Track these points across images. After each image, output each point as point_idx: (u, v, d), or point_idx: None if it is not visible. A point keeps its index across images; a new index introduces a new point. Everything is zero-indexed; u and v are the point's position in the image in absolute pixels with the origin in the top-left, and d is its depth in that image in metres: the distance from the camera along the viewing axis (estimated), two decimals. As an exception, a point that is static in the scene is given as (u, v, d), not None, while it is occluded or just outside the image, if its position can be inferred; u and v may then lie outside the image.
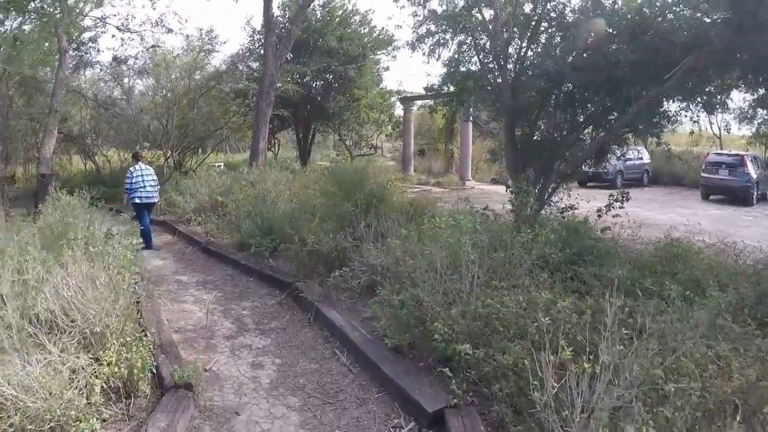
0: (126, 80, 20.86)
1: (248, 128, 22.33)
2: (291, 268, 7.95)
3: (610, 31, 7.83)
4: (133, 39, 25.96)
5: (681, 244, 7.00)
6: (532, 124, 9.59)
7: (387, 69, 24.38)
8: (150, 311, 6.22)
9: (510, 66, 9.52)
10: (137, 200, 10.21)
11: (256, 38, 22.71)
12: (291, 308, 6.65)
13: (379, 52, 23.67)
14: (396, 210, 9.77)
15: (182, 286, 7.85)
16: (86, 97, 20.59)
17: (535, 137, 9.63)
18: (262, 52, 21.12)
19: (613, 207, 7.40)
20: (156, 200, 10.78)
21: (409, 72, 62.60)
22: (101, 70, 20.41)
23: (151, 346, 4.83)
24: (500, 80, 9.69)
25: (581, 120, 8.97)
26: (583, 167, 9.72)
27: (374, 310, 5.47)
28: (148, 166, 10.77)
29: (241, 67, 22.50)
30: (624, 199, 7.43)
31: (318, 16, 21.99)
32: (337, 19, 22.15)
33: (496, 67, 9.74)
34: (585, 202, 8.39)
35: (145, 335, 4.92)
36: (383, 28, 23.48)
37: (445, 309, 4.59)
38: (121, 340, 4.38)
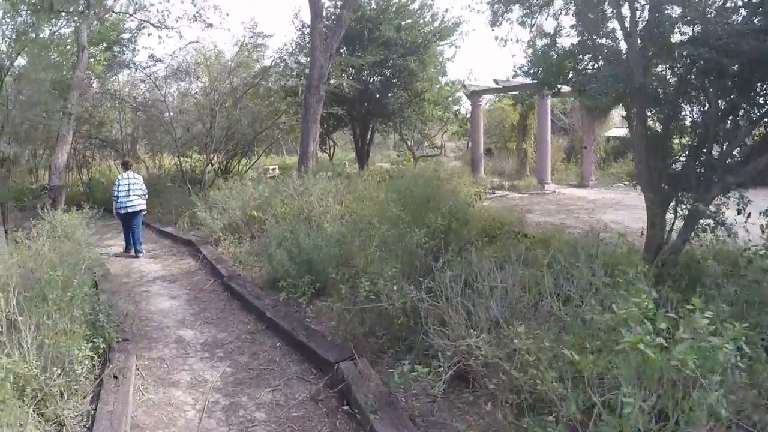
0: (164, 80, 18.92)
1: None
2: (336, 331, 5.41)
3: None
4: (171, 36, 24.23)
5: None
6: (673, 116, 6.82)
7: (452, 59, 21.62)
8: (109, 416, 3.88)
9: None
10: (122, 210, 9.97)
11: (305, 32, 20.48)
12: (332, 412, 4.11)
13: (442, 43, 20.93)
14: (480, 231, 7.22)
15: (181, 350, 5.47)
16: (122, 99, 18.79)
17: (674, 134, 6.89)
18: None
19: None
20: (142, 209, 10.30)
21: (477, 63, 59.19)
22: (136, 70, 18.53)
23: None
24: (610, 54, 7.08)
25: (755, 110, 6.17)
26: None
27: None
28: (136, 175, 10.48)
29: (289, 62, 20.31)
30: None
31: (372, 5, 19.56)
32: (394, 7, 19.63)
33: (620, 36, 7.05)
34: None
35: None
36: (447, 10, 20.55)
37: None
38: None
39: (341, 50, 18.78)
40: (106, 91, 18.80)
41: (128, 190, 9.99)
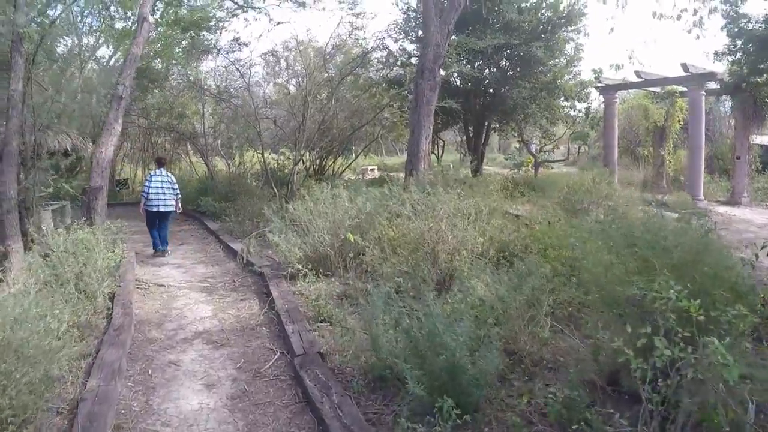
0: (248, 67, 16.45)
1: (405, 126, 17.17)
2: None
3: None
4: (258, 19, 21.69)
5: None
6: None
7: (582, 48, 17.69)
8: None
9: None
10: (153, 209, 9.41)
11: (410, 15, 17.49)
12: None
13: (570, 28, 17.13)
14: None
15: None
16: (202, 87, 16.48)
17: None
18: (420, 33, 15.76)
19: None
20: (172, 209, 9.66)
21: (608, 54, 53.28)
22: (218, 54, 16.12)
23: None
24: None
25: None
26: None
27: None
28: (168, 173, 9.88)
29: (393, 49, 17.32)
30: None
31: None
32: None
33: None
34: None
35: None
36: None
37: None
38: None
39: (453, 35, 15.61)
40: (186, 80, 16.60)
41: (162, 187, 9.48)
